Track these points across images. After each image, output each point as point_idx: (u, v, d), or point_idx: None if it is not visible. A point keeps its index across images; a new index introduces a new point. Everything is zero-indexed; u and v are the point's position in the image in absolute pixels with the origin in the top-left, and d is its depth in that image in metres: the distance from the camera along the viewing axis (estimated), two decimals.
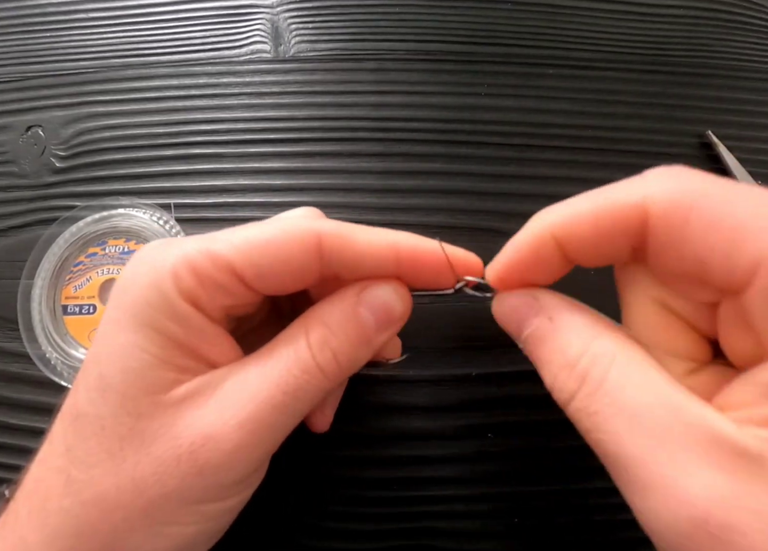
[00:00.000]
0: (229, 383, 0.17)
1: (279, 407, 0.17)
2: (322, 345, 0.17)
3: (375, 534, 0.25)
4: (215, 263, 0.17)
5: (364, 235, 0.18)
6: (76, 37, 0.35)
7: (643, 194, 0.15)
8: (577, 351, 0.15)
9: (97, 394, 0.16)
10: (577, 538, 0.25)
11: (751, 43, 0.36)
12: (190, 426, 0.16)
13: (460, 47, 0.34)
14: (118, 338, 0.16)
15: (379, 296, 0.18)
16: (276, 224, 0.18)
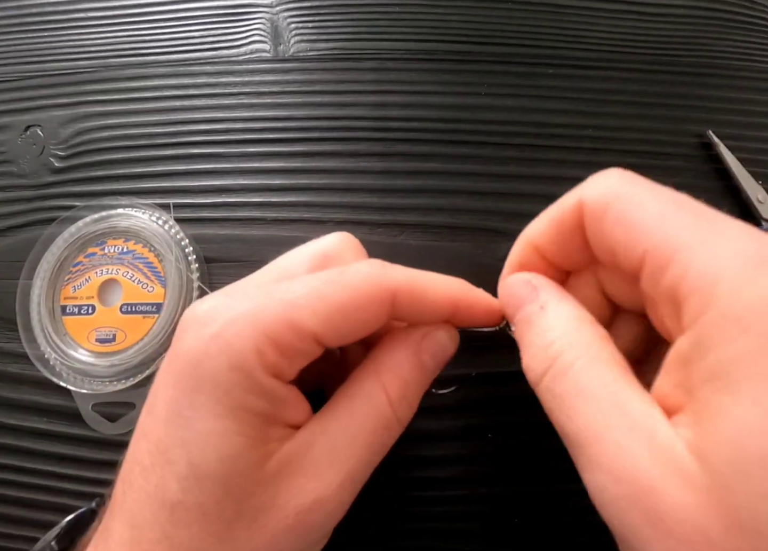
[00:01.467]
0: (319, 449, 0.17)
1: (368, 464, 0.18)
2: (401, 400, 0.18)
3: (375, 534, 0.25)
4: (299, 335, 0.16)
5: (432, 286, 0.19)
6: (75, 37, 0.35)
7: (579, 196, 0.18)
8: (555, 336, 0.17)
9: (192, 483, 0.16)
10: (577, 539, 0.25)
11: (752, 43, 0.36)
12: (294, 496, 0.16)
13: (460, 47, 0.34)
14: (207, 425, 0.16)
15: (438, 342, 0.20)
16: (351, 281, 0.17)
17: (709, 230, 0.14)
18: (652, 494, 0.13)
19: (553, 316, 0.17)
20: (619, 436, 0.14)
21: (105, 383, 0.27)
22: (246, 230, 0.30)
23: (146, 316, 0.28)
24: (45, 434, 0.28)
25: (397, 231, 0.30)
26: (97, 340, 0.28)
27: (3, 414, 0.28)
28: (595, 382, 0.15)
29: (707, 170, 0.32)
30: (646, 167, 0.32)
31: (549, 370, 0.16)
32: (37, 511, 0.27)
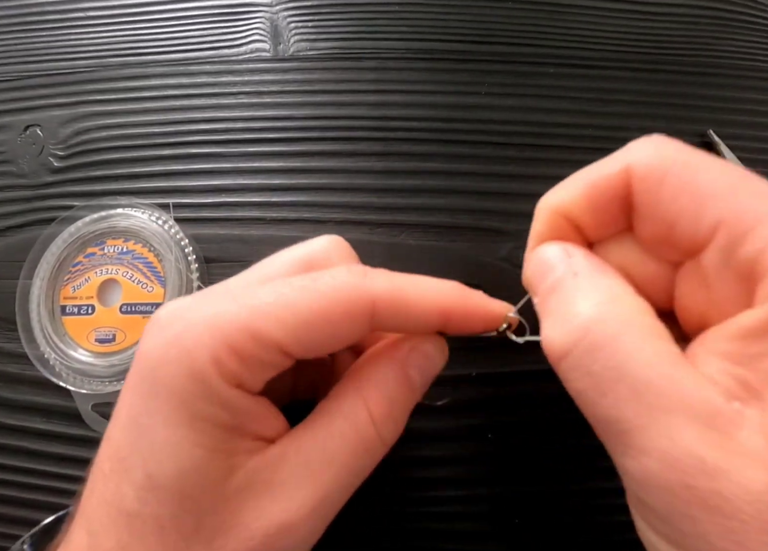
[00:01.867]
0: (291, 467, 0.16)
1: (346, 488, 0.17)
2: (386, 419, 0.17)
3: (374, 534, 0.25)
4: (261, 344, 0.15)
5: (415, 294, 0.17)
6: (74, 37, 0.35)
7: (626, 162, 0.16)
8: (590, 304, 0.15)
9: (149, 494, 0.15)
10: (577, 539, 0.25)
11: (753, 43, 0.36)
12: (260, 516, 0.15)
13: (460, 46, 0.34)
14: (163, 435, 0.15)
15: (425, 356, 0.18)
16: (324, 289, 0.16)
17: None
18: (714, 478, 0.12)
19: (587, 283, 0.16)
20: (675, 421, 0.13)
21: (105, 384, 0.27)
22: (246, 230, 0.30)
23: (146, 316, 0.28)
24: (45, 434, 0.28)
25: (397, 231, 0.30)
26: (97, 340, 0.28)
27: (2, 414, 0.28)
28: (643, 360, 0.13)
29: None
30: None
31: (580, 343, 0.14)
32: (37, 511, 0.27)
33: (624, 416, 0.13)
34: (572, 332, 0.14)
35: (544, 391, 0.27)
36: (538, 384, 0.27)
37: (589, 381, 0.14)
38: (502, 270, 0.29)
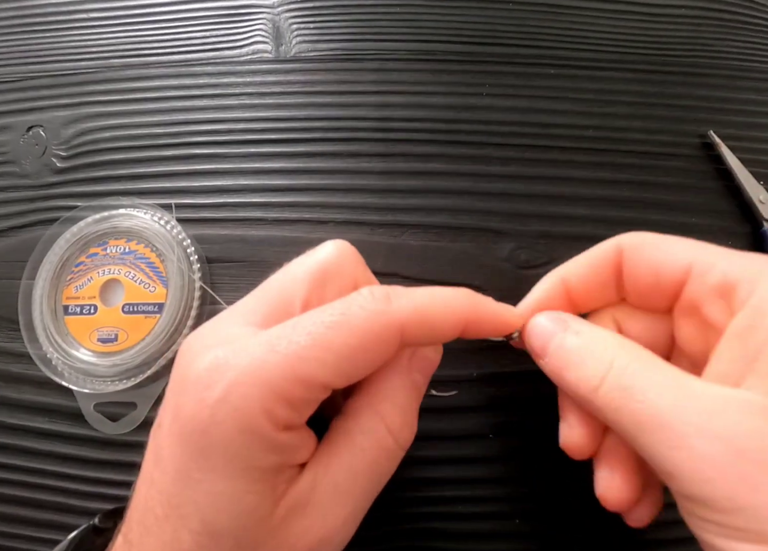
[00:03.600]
0: (323, 490, 0.17)
1: (372, 494, 0.18)
2: (402, 427, 0.18)
3: (374, 535, 0.25)
4: (307, 387, 0.16)
5: (437, 311, 0.18)
6: (77, 38, 0.35)
7: (616, 240, 0.21)
8: (604, 346, 0.18)
9: (206, 539, 0.16)
10: (577, 539, 0.25)
11: (753, 43, 0.36)
12: (303, 535, 0.17)
13: (461, 47, 0.34)
14: (218, 487, 0.16)
15: (425, 357, 0.20)
16: (356, 322, 0.17)
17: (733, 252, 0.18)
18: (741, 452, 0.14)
19: (593, 335, 0.19)
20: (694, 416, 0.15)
21: (107, 383, 0.27)
22: (247, 230, 0.30)
23: (148, 316, 0.28)
24: (47, 433, 0.28)
25: (398, 231, 0.30)
26: (99, 340, 0.28)
27: (5, 414, 0.28)
28: (658, 375, 0.16)
29: (708, 170, 0.32)
30: (646, 167, 0.32)
31: (608, 374, 0.17)
32: (40, 511, 0.27)
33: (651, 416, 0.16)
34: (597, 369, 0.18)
35: (544, 391, 0.27)
36: (539, 384, 0.27)
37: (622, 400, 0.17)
38: (503, 270, 0.29)
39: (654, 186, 0.31)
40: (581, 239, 0.30)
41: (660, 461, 0.15)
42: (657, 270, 0.19)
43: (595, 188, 0.31)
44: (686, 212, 0.31)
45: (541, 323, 0.20)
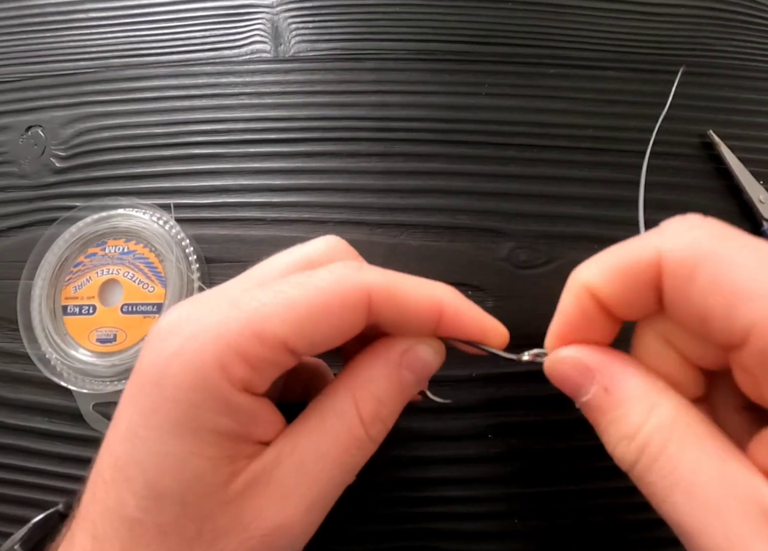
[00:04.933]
0: (287, 467, 0.16)
1: (339, 485, 0.17)
2: (374, 419, 0.17)
3: (374, 534, 0.25)
4: (267, 345, 0.15)
5: (412, 289, 0.17)
6: (76, 38, 0.35)
7: (659, 247, 0.15)
8: (636, 423, 0.15)
9: (150, 502, 0.15)
10: (577, 539, 0.25)
11: (753, 43, 0.36)
12: (259, 516, 0.16)
13: (460, 47, 0.34)
14: (166, 447, 0.15)
15: (421, 357, 0.18)
16: (321, 283, 0.16)
17: None
18: None
19: (623, 400, 0.16)
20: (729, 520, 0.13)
21: (106, 383, 0.27)
22: (246, 230, 0.30)
23: (147, 316, 0.28)
24: (46, 434, 0.28)
25: (398, 231, 0.30)
26: (98, 340, 0.28)
27: (4, 414, 0.28)
28: (694, 465, 0.14)
29: (708, 169, 0.32)
30: (647, 166, 0.32)
31: (640, 459, 0.15)
32: (39, 511, 0.26)
33: (684, 520, 0.14)
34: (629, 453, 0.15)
35: (544, 392, 0.27)
36: (538, 385, 0.27)
37: (653, 491, 0.15)
38: (502, 270, 0.29)
39: (654, 186, 0.31)
40: (581, 238, 0.30)
41: None
42: (702, 316, 0.14)
43: (595, 187, 0.31)
44: (686, 212, 0.31)
45: (563, 371, 0.18)
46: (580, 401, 0.17)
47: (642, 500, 0.15)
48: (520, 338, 0.28)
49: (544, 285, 0.29)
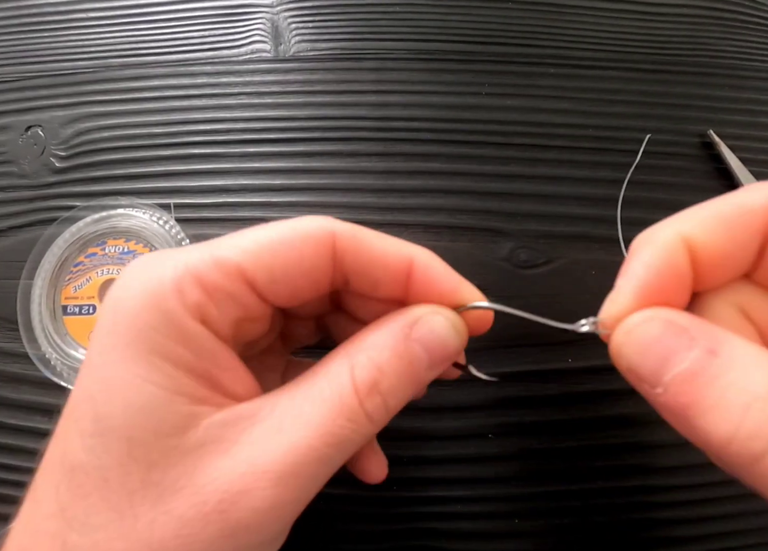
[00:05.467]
0: (261, 427, 0.14)
1: (322, 460, 0.14)
2: (372, 389, 0.15)
3: (374, 534, 0.25)
4: (224, 270, 0.15)
5: (380, 240, 0.17)
6: (75, 37, 0.35)
7: (765, 196, 0.14)
8: (761, 387, 0.12)
9: (96, 440, 0.13)
10: (577, 539, 0.25)
11: (753, 43, 0.36)
12: (217, 478, 0.13)
13: (460, 46, 0.34)
14: (116, 371, 0.14)
15: (434, 329, 0.16)
16: (287, 223, 0.16)
17: None
18: None
19: (741, 361, 0.12)
20: None
21: None
22: None
23: None
24: (46, 434, 0.27)
25: (398, 231, 0.30)
26: None
27: (4, 414, 0.28)
28: None
29: (708, 169, 0.32)
30: (646, 166, 0.32)
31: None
32: None
33: None
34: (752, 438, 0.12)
35: (544, 391, 0.27)
36: (538, 384, 0.27)
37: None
38: (502, 270, 0.29)
39: (654, 185, 0.31)
40: (581, 238, 0.30)
41: None
42: None
43: (596, 187, 0.31)
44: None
45: (650, 335, 0.14)
46: (672, 373, 0.13)
47: (642, 500, 0.15)
48: (520, 337, 0.28)
49: (545, 285, 0.29)
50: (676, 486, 0.25)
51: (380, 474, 0.20)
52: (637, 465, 0.26)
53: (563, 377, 0.27)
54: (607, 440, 0.26)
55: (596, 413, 0.26)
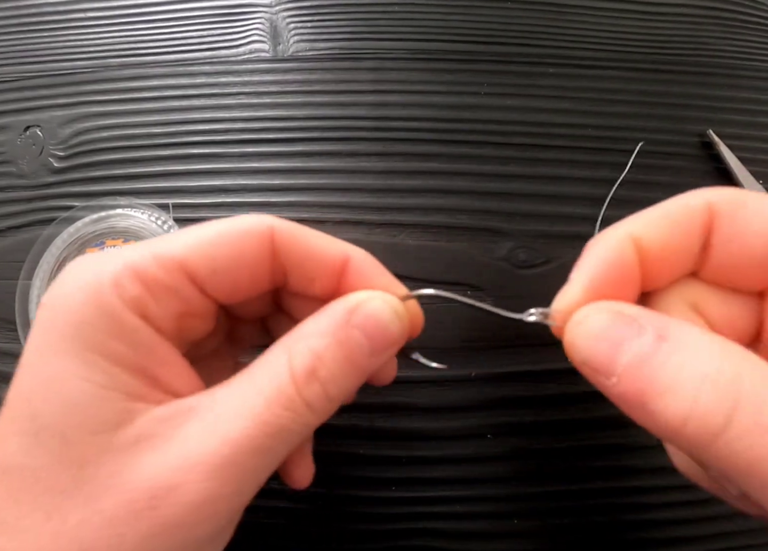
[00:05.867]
0: (197, 421, 0.14)
1: (258, 451, 0.14)
2: (309, 377, 0.15)
3: (374, 534, 0.25)
4: (163, 264, 0.15)
5: (317, 237, 0.17)
6: (74, 37, 0.35)
7: (705, 197, 0.15)
8: (717, 367, 0.12)
9: (31, 440, 0.13)
10: (576, 539, 0.25)
11: (752, 42, 0.36)
12: (149, 473, 0.13)
13: (459, 46, 0.34)
14: (51, 368, 0.13)
15: (374, 314, 0.16)
16: (227, 219, 0.17)
17: None
18: None
19: (691, 344, 0.13)
20: None
21: None
22: None
23: None
24: None
25: (396, 231, 0.30)
26: None
27: None
28: None
29: (708, 169, 0.32)
30: (646, 166, 0.32)
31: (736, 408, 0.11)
32: None
33: None
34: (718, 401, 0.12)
35: (543, 391, 0.27)
36: (538, 384, 0.27)
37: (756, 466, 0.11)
38: (501, 270, 0.29)
39: (653, 185, 0.31)
40: (580, 238, 0.30)
41: None
42: (760, 237, 0.14)
43: (595, 187, 0.31)
44: None
45: (601, 325, 0.14)
46: (624, 361, 0.13)
47: (641, 500, 0.15)
48: (518, 337, 0.28)
49: (544, 285, 0.29)
50: (675, 486, 0.25)
51: (304, 480, 0.20)
52: (636, 466, 0.26)
53: (562, 377, 0.27)
54: (606, 440, 0.26)
55: (595, 413, 0.26)
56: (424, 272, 0.29)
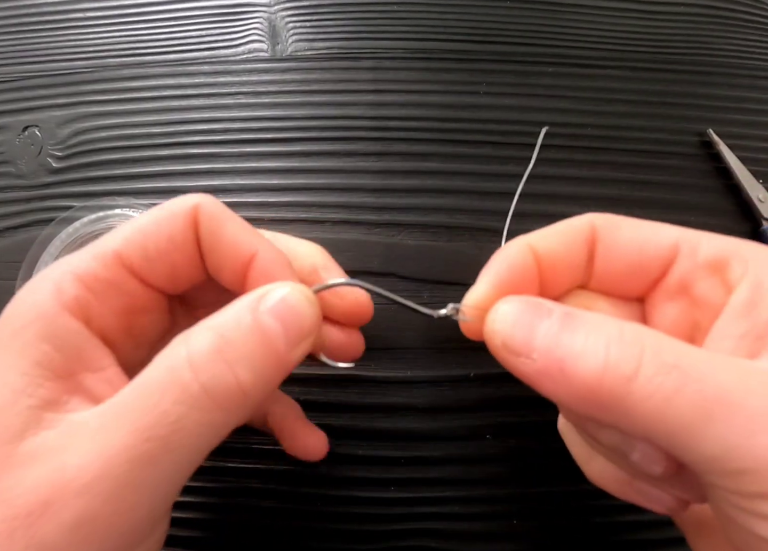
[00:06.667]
0: (86, 430, 0.13)
1: (143, 461, 0.12)
2: (211, 355, 0.13)
3: (373, 534, 0.25)
4: (101, 260, 0.16)
5: (236, 226, 0.17)
6: (73, 37, 0.35)
7: (588, 218, 0.18)
8: (619, 328, 0.14)
9: None
10: (575, 540, 0.25)
11: (752, 41, 0.36)
12: (30, 487, 0.12)
13: (458, 46, 0.34)
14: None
15: (284, 298, 0.15)
16: (161, 204, 0.17)
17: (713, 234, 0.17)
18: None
19: (591, 318, 0.14)
20: None
21: None
22: None
23: None
24: None
25: (395, 231, 0.30)
26: None
27: None
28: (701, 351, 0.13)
29: (707, 168, 0.32)
30: (646, 165, 0.32)
31: (643, 354, 0.13)
32: None
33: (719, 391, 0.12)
34: (627, 354, 0.13)
35: None
36: None
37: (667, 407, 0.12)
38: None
39: (653, 185, 0.31)
40: None
41: (731, 457, 0.12)
42: (640, 248, 0.17)
43: (594, 186, 0.31)
44: (685, 211, 0.31)
45: (514, 312, 0.15)
46: (539, 339, 0.14)
47: None
48: None
49: None
50: None
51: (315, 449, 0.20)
52: None
53: None
54: None
55: None
56: (422, 272, 0.29)
